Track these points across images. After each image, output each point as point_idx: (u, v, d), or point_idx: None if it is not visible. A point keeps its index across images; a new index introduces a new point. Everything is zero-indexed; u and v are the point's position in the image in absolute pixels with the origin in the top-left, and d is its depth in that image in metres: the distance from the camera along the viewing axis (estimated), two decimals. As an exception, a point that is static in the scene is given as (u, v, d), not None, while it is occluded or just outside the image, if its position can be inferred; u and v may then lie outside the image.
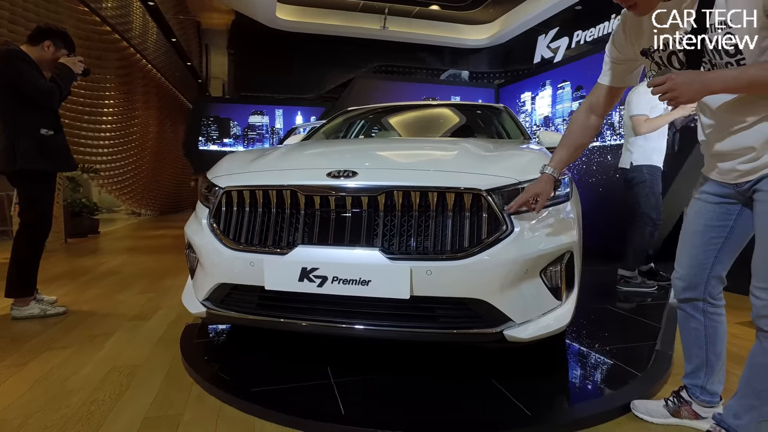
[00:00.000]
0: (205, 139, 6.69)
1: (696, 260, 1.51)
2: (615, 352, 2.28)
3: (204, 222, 2.02)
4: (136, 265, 4.84)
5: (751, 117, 1.27)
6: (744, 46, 1.19)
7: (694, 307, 1.56)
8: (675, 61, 1.35)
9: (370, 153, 2.21)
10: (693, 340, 1.59)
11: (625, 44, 1.48)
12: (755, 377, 1.35)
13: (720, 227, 1.46)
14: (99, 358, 2.30)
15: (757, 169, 1.30)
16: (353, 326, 1.76)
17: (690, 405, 1.61)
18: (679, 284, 1.57)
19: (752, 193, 1.34)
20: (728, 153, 1.36)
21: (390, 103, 6.42)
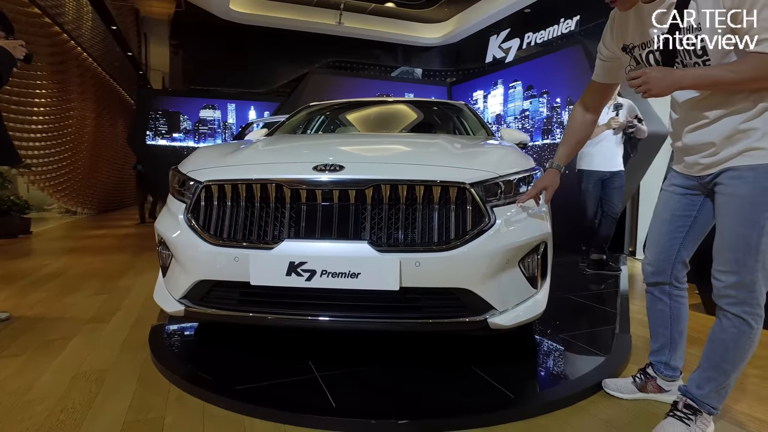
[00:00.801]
0: (153, 133, 6.36)
1: (663, 247, 1.64)
2: (580, 336, 2.42)
3: (180, 217, 1.94)
4: (82, 266, 4.55)
5: (712, 114, 1.40)
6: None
7: (662, 290, 1.69)
8: (651, 58, 1.46)
9: (355, 147, 2.21)
10: (659, 321, 1.72)
11: (611, 42, 1.58)
12: (715, 352, 1.49)
13: (685, 217, 1.59)
14: (58, 364, 2.16)
15: (717, 163, 1.43)
16: (343, 319, 1.77)
17: (655, 380, 1.76)
18: (648, 269, 1.70)
19: (713, 185, 1.48)
20: (692, 147, 1.48)
21: (347, 98, 6.42)
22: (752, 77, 1.27)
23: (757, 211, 1.35)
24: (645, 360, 1.84)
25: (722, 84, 1.31)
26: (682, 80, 1.33)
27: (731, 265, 1.40)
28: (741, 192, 1.37)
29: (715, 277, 1.45)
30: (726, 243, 1.41)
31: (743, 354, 1.45)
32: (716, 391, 1.49)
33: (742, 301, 1.40)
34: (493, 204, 1.81)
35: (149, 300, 3.27)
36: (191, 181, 1.99)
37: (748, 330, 1.41)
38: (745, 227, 1.36)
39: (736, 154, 1.37)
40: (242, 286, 1.81)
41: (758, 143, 1.34)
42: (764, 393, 1.89)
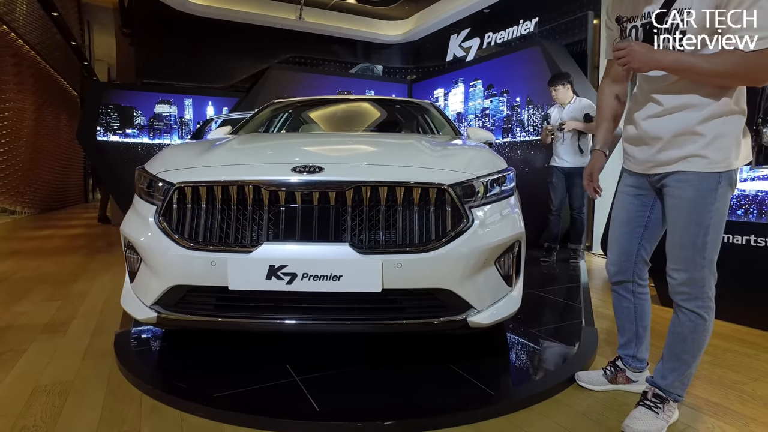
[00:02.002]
0: (104, 128, 6.03)
1: (623, 248, 1.72)
2: (550, 331, 2.52)
3: (150, 220, 1.86)
4: (29, 271, 4.27)
5: (669, 102, 1.46)
6: (689, 38, 1.38)
7: (625, 288, 1.78)
8: (633, 32, 1.52)
9: (333, 147, 2.19)
10: (625, 317, 1.82)
11: (612, 13, 1.62)
12: (674, 344, 1.59)
13: (639, 217, 1.68)
14: (13, 378, 2.02)
15: (663, 164, 1.51)
16: (325, 322, 1.76)
17: (624, 372, 1.85)
18: (612, 269, 1.78)
19: (661, 186, 1.56)
20: (642, 137, 1.54)
21: (308, 95, 6.34)
22: (726, 72, 1.33)
23: (702, 212, 1.45)
24: (611, 351, 1.95)
25: (696, 72, 1.36)
26: (662, 60, 1.39)
27: (682, 264, 1.50)
28: (687, 195, 1.46)
29: (669, 275, 1.55)
30: (677, 242, 1.51)
31: (700, 344, 1.56)
32: (679, 380, 1.59)
33: (694, 297, 1.50)
34: (470, 205, 1.84)
35: (108, 305, 3.12)
36: (161, 182, 1.91)
37: (702, 323, 1.52)
38: (692, 227, 1.46)
39: (681, 158, 1.46)
40: (220, 290, 1.76)
41: (702, 151, 1.42)
42: (715, 377, 2.04)
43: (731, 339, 2.52)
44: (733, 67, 1.32)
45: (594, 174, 1.78)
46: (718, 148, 1.42)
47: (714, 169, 1.42)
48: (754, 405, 1.80)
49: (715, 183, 1.43)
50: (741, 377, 2.04)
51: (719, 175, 1.43)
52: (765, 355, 2.30)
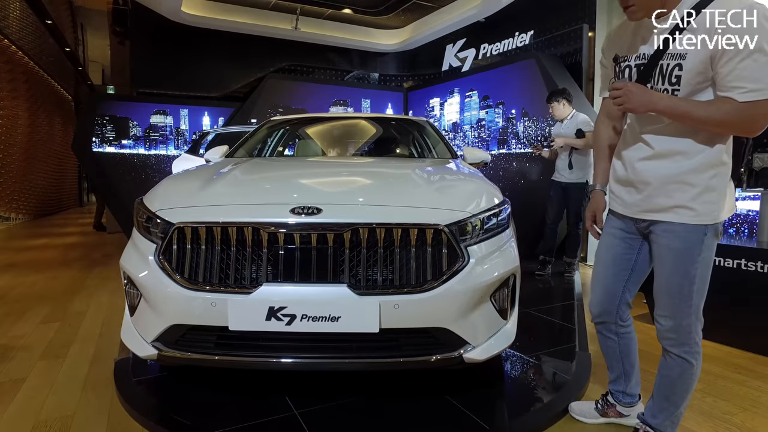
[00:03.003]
0: (99, 140, 6.03)
1: (608, 290, 1.73)
2: (544, 357, 2.56)
3: (150, 258, 1.88)
4: (26, 287, 4.28)
5: (660, 145, 1.47)
6: (684, 81, 1.39)
7: (608, 329, 1.80)
8: (627, 72, 1.53)
9: (331, 180, 2.22)
10: (611, 355, 1.84)
11: (608, 51, 1.64)
12: (663, 385, 1.64)
13: (626, 260, 1.69)
14: (14, 412, 2.03)
15: (651, 210, 1.52)
16: (324, 360, 1.79)
17: (615, 407, 1.89)
18: (595, 310, 1.79)
19: (648, 232, 1.59)
20: (629, 180, 1.56)
21: (304, 105, 6.36)
22: (719, 120, 1.34)
23: (688, 262, 1.48)
24: (605, 378, 1.97)
25: (691, 118, 1.38)
26: (658, 103, 1.39)
27: (670, 311, 1.54)
28: (674, 245, 1.49)
29: (657, 321, 1.59)
30: (664, 290, 1.55)
31: (688, 387, 1.60)
32: (669, 419, 1.64)
33: (682, 343, 1.54)
34: (466, 243, 1.87)
35: (106, 328, 3.14)
36: (159, 219, 1.93)
37: (689, 367, 1.56)
38: (679, 276, 1.50)
39: (669, 208, 1.48)
40: (220, 330, 1.79)
41: (690, 203, 1.44)
42: (705, 407, 2.08)
43: (723, 363, 2.57)
44: (726, 116, 1.34)
45: (597, 214, 1.76)
46: (706, 201, 1.44)
47: (701, 222, 1.45)
48: (742, 438, 1.85)
49: (701, 235, 1.47)
50: (731, 407, 2.09)
51: (706, 228, 1.46)
52: (755, 382, 2.34)
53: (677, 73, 1.40)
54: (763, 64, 1.28)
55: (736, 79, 1.31)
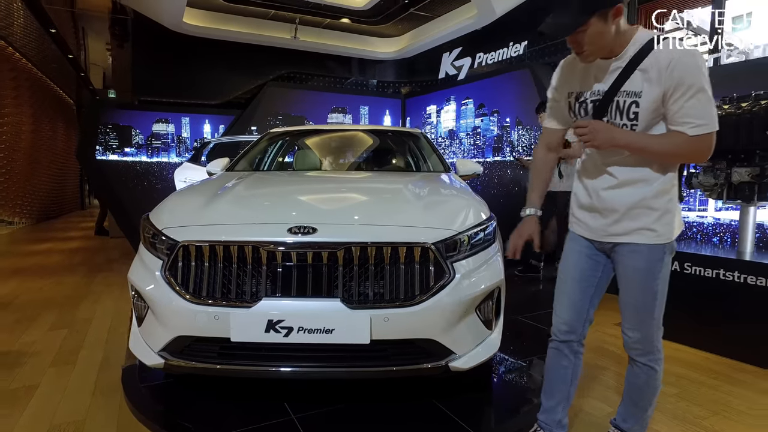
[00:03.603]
0: (103, 148, 6.17)
1: (576, 307, 1.79)
2: (530, 363, 2.69)
3: (157, 274, 2.02)
4: (33, 293, 4.41)
5: (622, 176, 1.59)
6: (642, 117, 1.51)
7: (570, 347, 1.79)
8: (583, 110, 1.64)
9: (326, 197, 2.36)
10: (560, 378, 1.81)
11: (560, 87, 1.73)
12: (632, 393, 1.76)
13: (591, 277, 1.77)
14: (29, 417, 2.17)
15: (618, 234, 1.64)
16: (319, 369, 1.93)
17: None
18: (563, 328, 1.79)
19: (612, 252, 1.70)
20: (594, 207, 1.67)
21: (302, 112, 6.50)
22: (673, 152, 1.50)
23: (651, 280, 1.61)
24: (589, 384, 2.06)
25: (648, 151, 1.52)
26: (620, 138, 1.52)
27: (636, 324, 1.66)
28: (639, 265, 1.62)
29: (625, 333, 1.71)
30: (630, 306, 1.67)
31: (654, 391, 1.73)
32: (639, 423, 1.77)
33: (646, 352, 1.67)
34: (453, 259, 2.01)
35: (113, 335, 3.27)
36: (165, 237, 2.07)
37: (654, 373, 1.69)
38: (643, 294, 1.63)
39: (634, 230, 1.59)
40: (222, 341, 1.92)
41: (653, 225, 1.57)
42: (679, 411, 2.22)
43: (699, 368, 2.70)
44: (678, 148, 1.49)
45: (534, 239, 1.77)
46: (665, 222, 1.58)
47: (661, 241, 1.59)
48: (710, 441, 1.98)
49: (661, 253, 1.60)
50: (702, 411, 2.22)
51: (664, 246, 1.60)
52: (727, 387, 2.47)
53: (635, 110, 1.52)
54: (705, 102, 1.43)
55: (685, 116, 1.45)
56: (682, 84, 1.43)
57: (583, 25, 1.44)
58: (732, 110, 2.98)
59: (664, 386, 2.41)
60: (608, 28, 1.46)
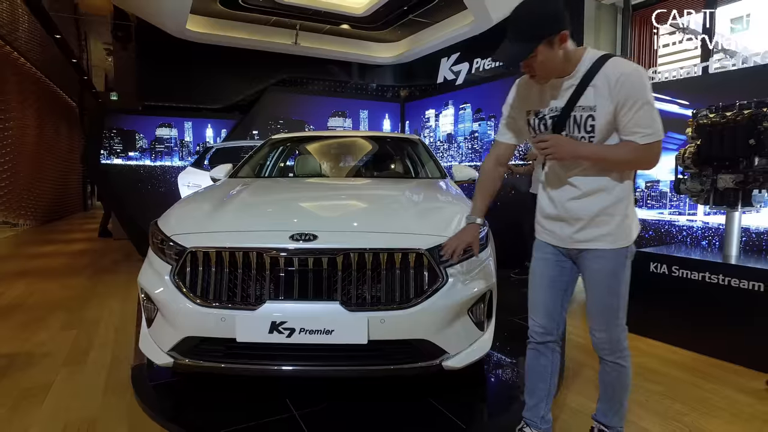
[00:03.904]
0: (107, 152, 6.30)
1: (549, 310, 1.90)
2: (522, 362, 2.80)
3: (167, 278, 2.14)
4: (41, 294, 4.53)
5: (584, 186, 1.71)
6: (598, 129, 1.63)
7: (548, 347, 1.90)
8: (543, 125, 1.74)
9: (326, 204, 2.48)
10: (539, 376, 1.91)
11: (516, 104, 1.84)
12: (606, 390, 1.87)
13: (561, 281, 1.89)
14: (45, 415, 2.28)
15: (582, 241, 1.75)
16: (319, 368, 2.04)
17: None
18: (539, 331, 1.89)
19: (578, 258, 1.80)
20: (560, 217, 1.78)
21: (303, 116, 6.62)
22: (627, 160, 1.63)
23: (616, 283, 1.73)
24: (578, 382, 2.18)
25: (607, 160, 1.64)
26: (581, 150, 1.64)
27: (603, 325, 1.77)
28: (604, 269, 1.73)
29: (593, 334, 1.81)
30: (597, 308, 1.78)
31: (625, 386, 1.83)
32: (617, 416, 1.87)
33: (614, 351, 1.78)
34: (446, 265, 2.12)
35: (120, 335, 3.39)
36: (172, 242, 2.19)
37: (623, 369, 1.80)
38: (609, 296, 1.74)
39: (598, 237, 1.71)
40: (228, 341, 2.04)
41: (615, 230, 1.69)
42: (662, 409, 2.33)
43: (685, 368, 2.81)
44: (631, 155, 1.61)
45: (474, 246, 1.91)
46: (625, 227, 1.71)
47: (623, 245, 1.71)
48: (688, 436, 2.09)
49: (623, 257, 1.72)
50: (684, 408, 2.33)
51: (626, 250, 1.72)
52: (709, 385, 2.59)
53: (591, 123, 1.64)
54: (651, 113, 1.57)
55: (635, 126, 1.58)
56: (630, 98, 1.56)
57: (532, 52, 1.55)
58: (717, 119, 3.10)
59: (649, 384, 2.56)
60: (556, 53, 1.58)
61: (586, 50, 1.65)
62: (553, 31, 1.54)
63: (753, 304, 2.78)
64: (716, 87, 3.81)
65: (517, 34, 1.58)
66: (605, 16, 5.86)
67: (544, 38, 1.54)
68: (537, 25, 1.55)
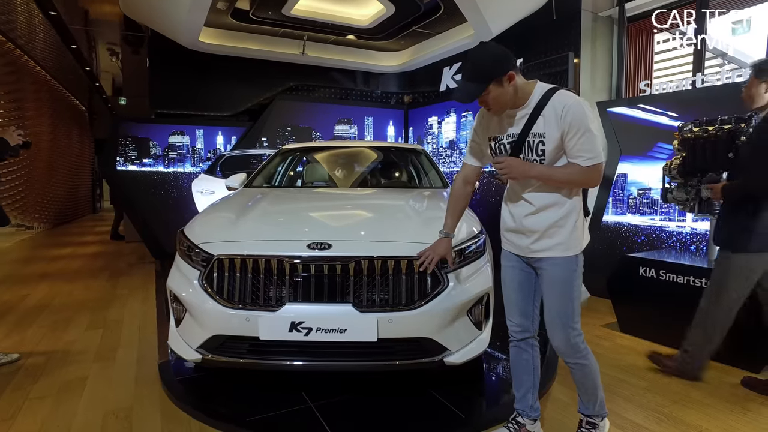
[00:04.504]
0: (123, 159, 6.57)
1: (522, 310, 2.11)
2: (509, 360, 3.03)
3: (195, 283, 2.38)
4: (65, 296, 4.79)
5: (538, 202, 1.93)
6: (548, 152, 1.86)
7: (528, 343, 2.10)
8: (502, 149, 1.97)
9: (339, 214, 2.73)
10: (524, 369, 2.12)
11: (481, 131, 2.07)
12: (580, 387, 2.05)
13: (528, 284, 2.10)
14: (85, 403, 2.53)
15: (537, 251, 1.97)
16: (334, 363, 2.28)
17: (525, 426, 2.13)
18: (517, 329, 2.10)
19: (537, 267, 2.02)
20: (523, 229, 1.99)
21: (310, 123, 6.88)
22: (572, 179, 1.86)
23: (569, 288, 1.94)
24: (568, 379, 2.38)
25: (554, 180, 1.88)
26: (531, 170, 1.87)
27: (561, 331, 1.96)
28: (557, 276, 1.94)
29: (552, 342, 2.00)
30: (554, 314, 1.97)
31: (594, 378, 2.04)
32: (596, 405, 2.08)
33: (573, 354, 1.98)
34: (446, 270, 2.36)
35: (144, 334, 3.63)
36: (201, 250, 2.43)
37: (586, 367, 2.00)
38: (564, 300, 1.95)
39: (551, 246, 1.93)
40: (252, 339, 2.28)
41: (565, 240, 1.91)
42: (644, 401, 2.55)
43: (669, 365, 3.04)
44: (576, 176, 1.85)
45: (447, 258, 2.12)
46: (574, 237, 1.93)
47: (573, 253, 1.93)
48: (666, 424, 2.32)
49: (574, 264, 1.94)
50: (664, 401, 2.56)
51: (576, 257, 1.94)
52: (691, 381, 2.81)
53: (542, 147, 1.88)
54: (592, 140, 1.79)
55: (578, 151, 1.81)
56: (572, 126, 1.79)
57: (484, 91, 1.80)
58: (700, 133, 3.32)
59: (635, 380, 2.78)
60: (506, 89, 1.82)
61: (536, 84, 1.89)
62: (501, 73, 1.78)
63: (732, 305, 3.00)
64: (703, 100, 4.02)
65: (470, 76, 1.83)
66: (601, 27, 6.07)
67: (492, 79, 1.78)
68: (486, 69, 1.79)
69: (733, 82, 3.93)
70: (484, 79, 1.79)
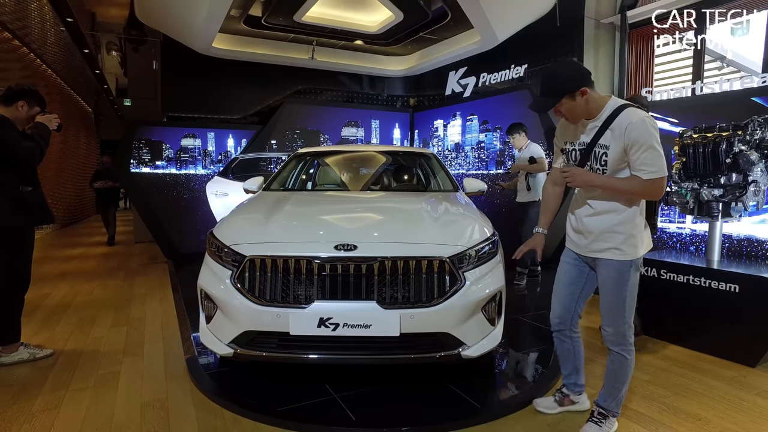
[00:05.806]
0: (136, 161, 6.74)
1: (565, 304, 2.35)
2: (527, 354, 3.20)
3: (227, 282, 2.54)
4: (85, 295, 4.95)
5: (598, 207, 2.13)
6: (611, 164, 2.04)
7: (564, 334, 2.38)
8: (573, 156, 2.18)
9: (362, 221, 2.89)
10: (566, 356, 2.42)
11: (559, 136, 2.28)
12: (610, 377, 2.25)
13: (578, 282, 2.31)
14: (123, 395, 2.68)
15: (594, 250, 2.17)
16: (359, 356, 2.45)
17: (569, 396, 2.46)
18: (555, 320, 2.36)
19: (594, 265, 2.22)
20: (582, 229, 2.21)
21: (318, 126, 7.06)
22: (633, 191, 2.02)
23: (621, 287, 2.12)
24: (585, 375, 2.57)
25: (615, 189, 2.05)
26: (594, 181, 2.06)
27: (611, 321, 2.16)
28: (610, 276, 2.13)
29: (603, 329, 2.21)
30: (606, 307, 2.17)
31: (626, 376, 2.22)
32: (615, 401, 2.25)
33: (619, 343, 2.17)
34: (464, 270, 2.52)
35: (167, 331, 3.79)
36: (230, 250, 2.59)
37: (626, 360, 2.19)
38: (615, 297, 2.14)
39: (606, 249, 2.12)
40: (282, 334, 2.44)
41: (621, 246, 2.09)
42: (647, 393, 2.71)
43: (671, 360, 3.20)
44: (637, 188, 2.01)
45: (538, 250, 2.35)
46: (630, 244, 2.09)
47: (627, 258, 2.09)
48: (668, 413, 2.48)
49: (628, 267, 2.11)
50: (666, 392, 2.72)
51: (630, 262, 2.10)
52: (691, 374, 2.97)
53: (605, 158, 2.06)
54: (655, 155, 1.95)
55: (641, 164, 1.97)
56: (636, 142, 1.96)
57: (557, 104, 2.02)
58: (699, 139, 3.49)
59: (638, 373, 2.95)
60: (578, 102, 2.02)
61: (610, 98, 2.08)
62: (573, 89, 1.99)
63: (730, 303, 3.17)
64: (702, 107, 4.19)
65: (544, 91, 2.07)
66: (604, 35, 6.24)
67: (565, 95, 2.01)
68: (557, 85, 2.03)
69: (729, 90, 4.09)
70: (555, 94, 2.03)
